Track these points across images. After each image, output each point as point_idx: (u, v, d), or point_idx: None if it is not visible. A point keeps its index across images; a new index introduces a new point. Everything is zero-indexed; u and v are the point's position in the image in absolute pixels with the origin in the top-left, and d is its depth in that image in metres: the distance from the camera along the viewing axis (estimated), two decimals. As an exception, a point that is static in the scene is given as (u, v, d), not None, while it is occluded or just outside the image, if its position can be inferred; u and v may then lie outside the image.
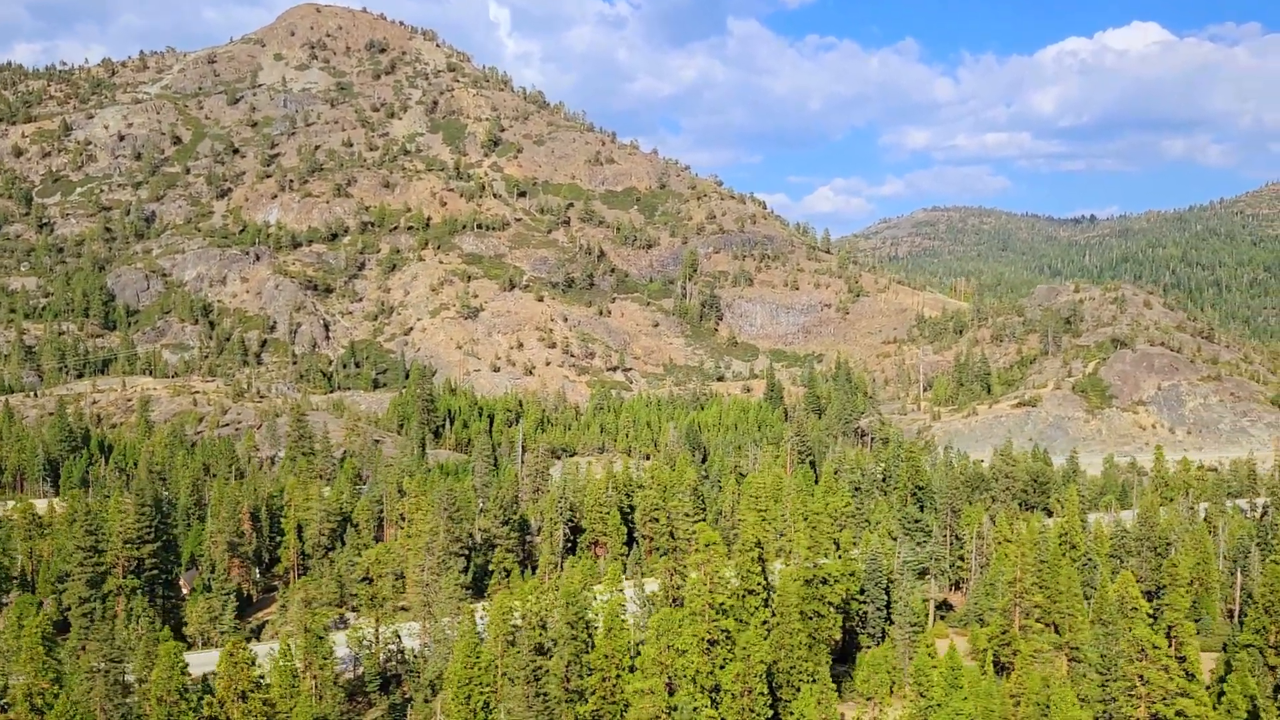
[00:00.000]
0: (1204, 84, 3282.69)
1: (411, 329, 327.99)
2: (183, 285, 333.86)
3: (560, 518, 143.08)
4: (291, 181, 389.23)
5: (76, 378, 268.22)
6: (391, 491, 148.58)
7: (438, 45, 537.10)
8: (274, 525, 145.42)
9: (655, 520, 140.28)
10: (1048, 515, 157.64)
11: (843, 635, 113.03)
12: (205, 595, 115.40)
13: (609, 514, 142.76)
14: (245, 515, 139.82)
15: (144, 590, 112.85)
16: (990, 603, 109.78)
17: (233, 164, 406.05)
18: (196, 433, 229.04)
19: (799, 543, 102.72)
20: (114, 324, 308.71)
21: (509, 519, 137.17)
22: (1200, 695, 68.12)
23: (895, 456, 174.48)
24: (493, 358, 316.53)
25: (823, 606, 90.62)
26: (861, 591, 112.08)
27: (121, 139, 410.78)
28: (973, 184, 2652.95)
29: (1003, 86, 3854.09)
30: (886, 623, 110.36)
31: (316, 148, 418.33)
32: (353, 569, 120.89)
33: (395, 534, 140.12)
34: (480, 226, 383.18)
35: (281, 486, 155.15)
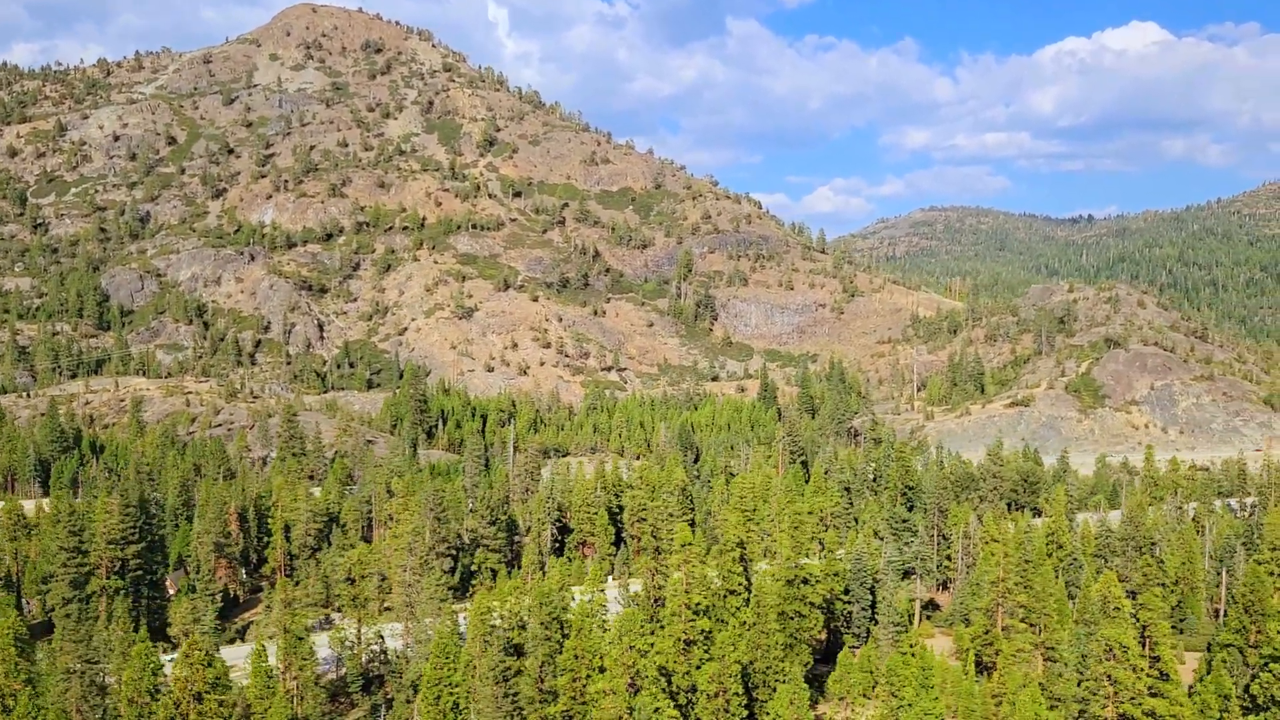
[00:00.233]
0: (1203, 84, 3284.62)
1: (406, 329, 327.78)
2: (177, 285, 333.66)
3: (548, 518, 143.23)
4: (286, 181, 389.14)
5: (70, 378, 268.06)
6: (380, 492, 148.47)
7: (433, 45, 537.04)
8: (262, 526, 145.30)
9: (642, 520, 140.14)
10: (1036, 515, 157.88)
11: (828, 635, 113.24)
12: (189, 596, 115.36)
13: (597, 514, 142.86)
14: (233, 516, 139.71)
15: (129, 591, 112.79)
16: (975, 603, 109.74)
17: (228, 164, 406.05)
18: (189, 433, 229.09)
19: (781, 543, 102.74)
20: (108, 324, 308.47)
21: (496, 519, 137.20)
22: (1176, 695, 68.06)
23: (886, 456, 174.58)
24: (487, 358, 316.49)
25: (804, 607, 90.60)
26: (846, 591, 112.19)
27: (116, 139, 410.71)
28: (972, 184, 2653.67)
29: (1002, 86, 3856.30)
30: (871, 623, 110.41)
31: (311, 148, 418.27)
32: (336, 570, 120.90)
33: (384, 534, 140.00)
34: (475, 226, 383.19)
35: (270, 487, 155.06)
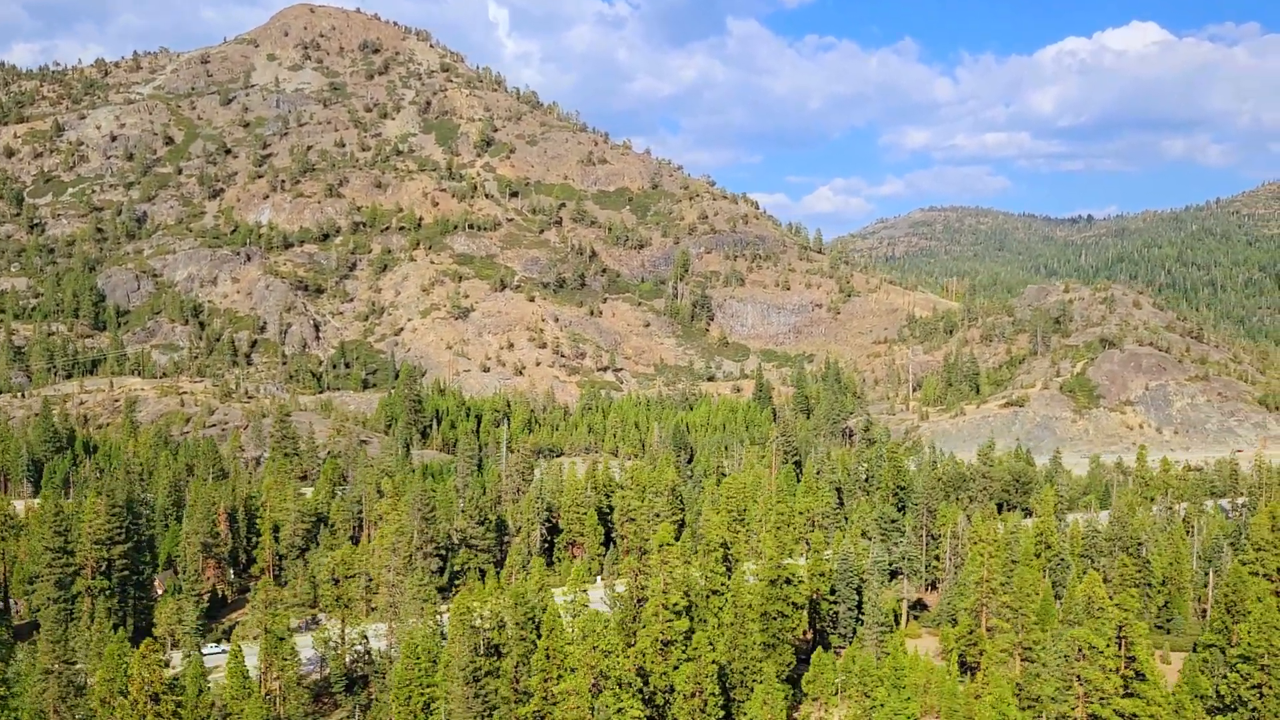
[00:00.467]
0: (1203, 84, 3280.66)
1: (402, 329, 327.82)
2: (173, 286, 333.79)
3: (537, 518, 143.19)
4: (283, 182, 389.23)
5: (65, 378, 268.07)
6: (371, 492, 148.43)
7: (431, 46, 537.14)
8: (251, 526, 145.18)
9: (632, 520, 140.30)
10: (1027, 515, 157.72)
11: (814, 636, 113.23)
12: (175, 596, 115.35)
13: (586, 515, 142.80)
14: (222, 516, 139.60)
15: (115, 591, 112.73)
16: (961, 603, 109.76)
17: (225, 164, 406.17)
18: (183, 433, 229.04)
19: (766, 543, 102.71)
20: (104, 324, 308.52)
21: (485, 519, 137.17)
22: (1153, 695, 67.97)
23: (879, 457, 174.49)
24: (483, 358, 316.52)
25: (786, 607, 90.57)
26: (832, 591, 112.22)
27: (114, 139, 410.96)
28: (972, 184, 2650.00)
29: (1002, 86, 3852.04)
30: (857, 623, 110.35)
31: (309, 148, 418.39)
32: (322, 570, 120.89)
33: (374, 535, 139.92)
34: (472, 227, 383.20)
35: (261, 487, 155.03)
